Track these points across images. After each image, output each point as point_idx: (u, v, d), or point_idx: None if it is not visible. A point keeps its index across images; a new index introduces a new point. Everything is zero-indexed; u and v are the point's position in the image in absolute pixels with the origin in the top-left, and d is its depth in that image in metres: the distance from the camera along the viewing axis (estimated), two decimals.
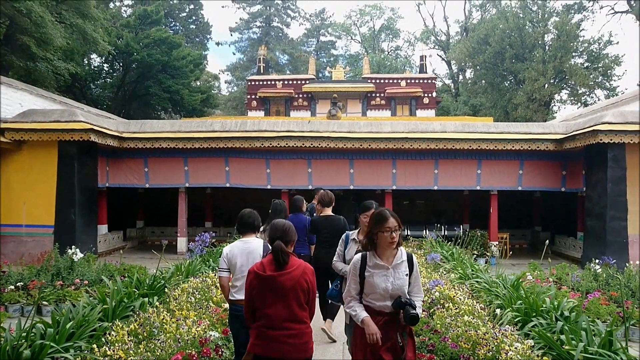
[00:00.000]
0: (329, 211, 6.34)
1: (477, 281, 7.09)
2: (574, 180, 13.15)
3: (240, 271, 4.12)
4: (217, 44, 56.69)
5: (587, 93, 34.67)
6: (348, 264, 4.33)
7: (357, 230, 4.86)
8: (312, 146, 13.27)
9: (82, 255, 8.53)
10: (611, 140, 11.20)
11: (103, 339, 4.70)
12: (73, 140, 11.93)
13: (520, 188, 13.57)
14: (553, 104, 36.08)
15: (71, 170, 12.26)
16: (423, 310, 5.88)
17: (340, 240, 4.94)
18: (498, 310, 5.27)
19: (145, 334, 4.77)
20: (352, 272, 3.53)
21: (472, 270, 7.77)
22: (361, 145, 13.20)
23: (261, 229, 5.11)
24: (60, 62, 18.66)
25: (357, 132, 13.28)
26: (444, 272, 8.12)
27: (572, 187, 13.27)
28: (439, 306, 5.77)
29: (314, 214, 7.19)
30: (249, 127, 13.51)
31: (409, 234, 15.91)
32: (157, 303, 5.56)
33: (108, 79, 29.49)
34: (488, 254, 12.95)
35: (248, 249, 4.20)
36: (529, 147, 12.94)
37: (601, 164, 11.83)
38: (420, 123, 13.98)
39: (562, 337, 4.42)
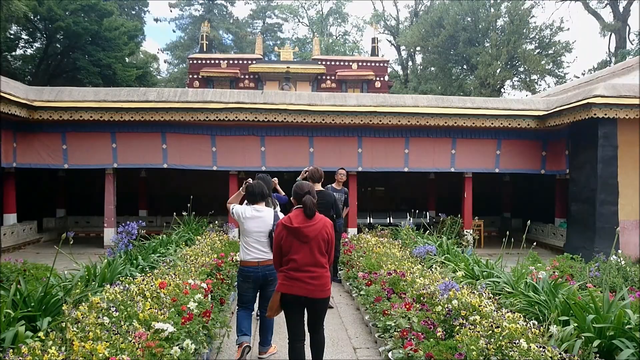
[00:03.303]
0: (319, 186, 6.81)
1: (493, 281, 5.52)
2: (556, 162, 11.99)
3: (250, 234, 4.59)
4: (156, 20, 52.58)
5: (537, 80, 34.51)
6: None
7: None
8: (266, 120, 11.37)
9: None
10: (605, 114, 10.01)
11: None
12: None
13: (497, 170, 12.28)
14: (504, 91, 35.74)
15: None
16: (435, 326, 4.25)
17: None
18: (553, 329, 3.70)
19: None
20: None
21: (479, 267, 6.21)
22: (323, 120, 11.43)
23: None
24: None
25: (318, 105, 11.49)
26: (438, 268, 6.50)
27: (553, 168, 12.11)
28: (461, 320, 4.12)
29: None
30: (190, 97, 11.41)
31: (371, 221, 14.43)
32: (45, 330, 3.59)
33: (28, 50, 26.06)
34: (463, 242, 11.57)
35: (260, 217, 4.63)
36: (509, 124, 11.64)
37: (590, 142, 10.67)
38: (389, 96, 12.39)
39: None
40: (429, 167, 12.25)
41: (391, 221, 14.34)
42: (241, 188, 5.05)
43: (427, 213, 14.67)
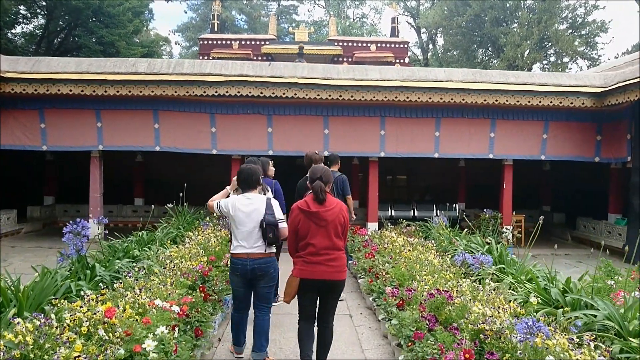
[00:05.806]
0: None
1: (585, 314, 3.85)
2: (614, 148, 10.19)
3: (242, 225, 4.21)
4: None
5: (568, 63, 32.27)
6: None
7: None
8: (273, 96, 9.75)
9: None
10: None
11: None
12: None
13: (543, 157, 10.53)
14: None
15: None
16: None
17: None
18: None
19: None
20: None
21: (556, 285, 4.54)
22: (340, 96, 9.78)
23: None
24: None
25: (334, 78, 9.82)
26: (491, 283, 4.84)
27: (610, 156, 10.32)
28: None
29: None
30: (186, 69, 9.82)
31: (393, 214, 12.79)
32: None
33: (28, 26, 24.69)
34: (503, 241, 9.88)
35: (253, 206, 4.23)
36: (560, 102, 9.87)
37: None
38: (417, 69, 10.68)
39: None
40: (464, 153, 10.54)
41: (416, 214, 12.69)
42: (228, 186, 4.64)
43: (457, 205, 12.98)
